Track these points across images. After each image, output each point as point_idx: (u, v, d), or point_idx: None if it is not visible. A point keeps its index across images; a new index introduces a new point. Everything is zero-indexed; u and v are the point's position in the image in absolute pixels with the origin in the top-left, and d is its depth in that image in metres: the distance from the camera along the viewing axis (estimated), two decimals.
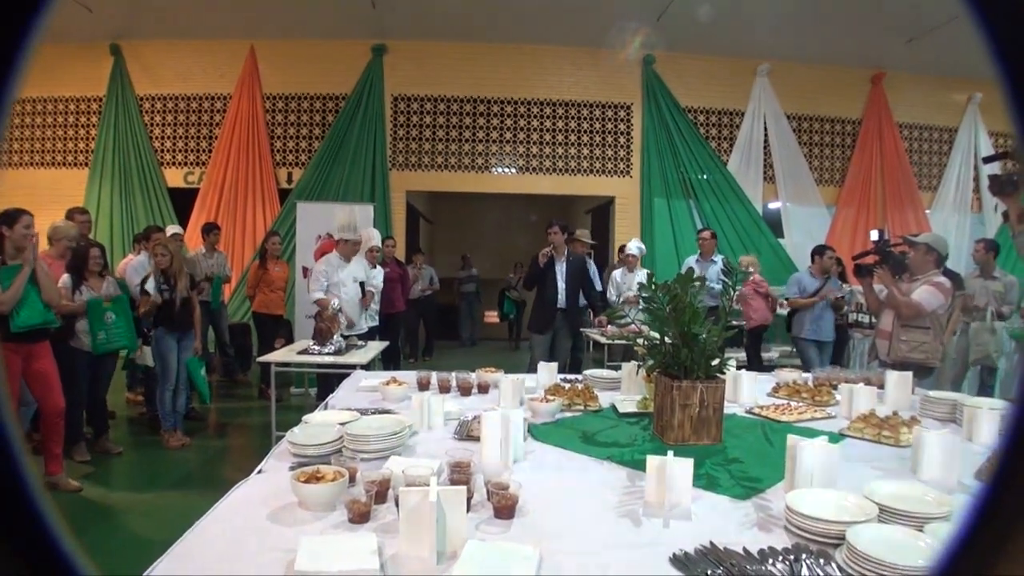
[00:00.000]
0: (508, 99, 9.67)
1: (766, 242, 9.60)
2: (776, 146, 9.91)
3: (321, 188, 9.21)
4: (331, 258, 5.92)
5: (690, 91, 9.81)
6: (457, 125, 9.65)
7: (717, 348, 2.58)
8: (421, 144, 9.63)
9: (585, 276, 6.57)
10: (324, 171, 9.28)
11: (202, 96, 9.60)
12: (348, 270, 5.93)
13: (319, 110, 9.61)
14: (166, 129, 9.66)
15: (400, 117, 9.60)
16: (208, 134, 9.61)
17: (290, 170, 9.58)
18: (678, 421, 2.50)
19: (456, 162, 9.65)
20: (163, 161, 9.62)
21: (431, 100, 9.61)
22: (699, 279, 2.62)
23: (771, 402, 3.28)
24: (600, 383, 3.65)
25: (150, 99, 9.59)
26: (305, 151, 9.58)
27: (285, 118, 9.61)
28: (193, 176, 9.59)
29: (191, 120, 9.65)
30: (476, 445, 2.29)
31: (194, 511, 1.73)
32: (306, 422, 2.55)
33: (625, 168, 9.79)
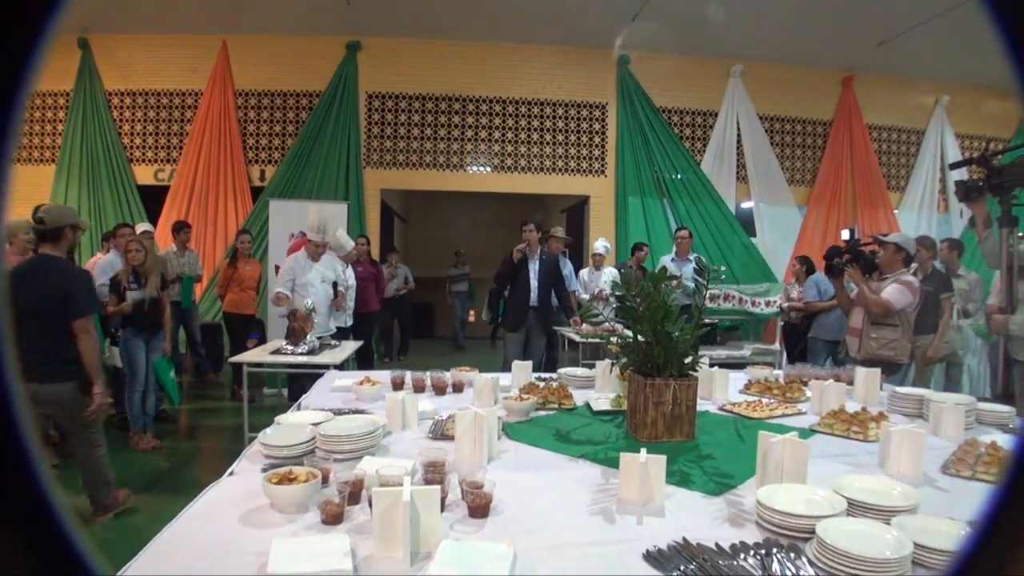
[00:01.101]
0: (483, 98, 9.66)
1: (739, 241, 9.70)
2: (749, 146, 10.00)
3: (294, 186, 9.12)
4: (299, 257, 5.86)
5: (664, 91, 9.87)
6: (432, 123, 9.62)
7: (690, 346, 2.60)
8: (396, 142, 9.58)
9: (558, 275, 6.60)
10: (297, 169, 9.19)
11: (173, 92, 9.45)
12: (316, 270, 5.87)
13: (292, 107, 9.51)
14: (136, 125, 9.50)
15: (375, 115, 9.54)
16: (179, 131, 9.47)
17: (263, 167, 9.47)
18: (651, 418, 2.52)
19: (431, 160, 9.62)
20: (133, 158, 9.46)
21: (406, 98, 9.56)
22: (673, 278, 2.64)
23: (743, 399, 3.31)
24: (574, 381, 3.67)
25: (119, 94, 9.43)
26: (278, 148, 9.49)
27: (258, 115, 9.51)
28: (164, 173, 9.44)
29: (161, 116, 9.50)
30: (450, 444, 2.29)
31: (165, 514, 1.71)
32: (279, 423, 2.53)
33: (600, 167, 9.83)
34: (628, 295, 2.57)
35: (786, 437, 1.97)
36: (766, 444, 1.97)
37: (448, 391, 3.40)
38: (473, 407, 2.29)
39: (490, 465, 2.20)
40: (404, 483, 1.56)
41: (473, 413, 2.23)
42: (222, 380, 7.96)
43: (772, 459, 1.95)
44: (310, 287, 5.78)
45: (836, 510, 1.68)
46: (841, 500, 1.74)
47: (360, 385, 3.23)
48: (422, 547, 1.54)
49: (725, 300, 8.54)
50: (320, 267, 5.94)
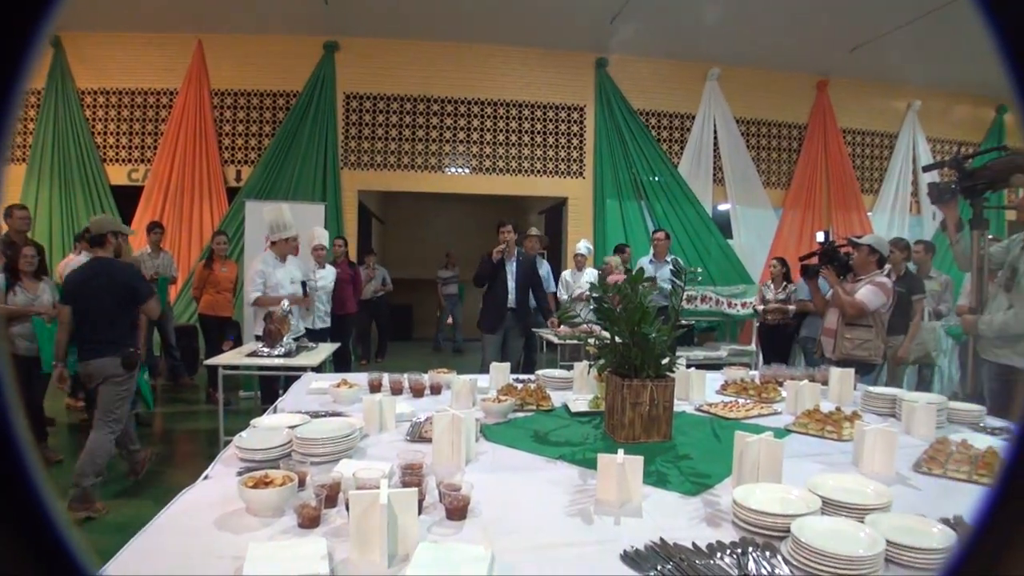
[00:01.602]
0: (462, 99, 9.65)
1: (715, 243, 9.77)
2: (725, 149, 10.09)
3: (271, 187, 9.04)
4: (267, 258, 5.79)
5: (642, 94, 9.93)
6: (410, 124, 9.59)
7: (667, 347, 2.61)
8: (373, 143, 9.53)
9: (536, 276, 6.60)
10: (274, 169, 9.12)
11: (147, 91, 9.33)
12: (285, 270, 5.80)
13: (269, 107, 9.43)
14: (109, 124, 9.36)
15: (352, 115, 9.49)
16: (153, 130, 9.35)
17: (239, 168, 9.38)
18: (629, 419, 2.53)
19: (409, 162, 9.58)
20: (106, 158, 9.33)
21: (384, 99, 9.53)
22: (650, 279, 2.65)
23: (720, 400, 3.34)
24: (552, 383, 3.67)
25: (92, 93, 9.29)
26: (254, 149, 9.40)
27: (234, 115, 9.42)
28: (138, 173, 9.32)
29: (135, 116, 9.37)
30: (428, 447, 2.29)
31: (139, 519, 1.69)
32: (254, 426, 2.51)
33: (578, 169, 9.86)
34: (605, 296, 2.57)
35: (762, 437, 1.99)
36: (742, 444, 1.99)
37: (426, 393, 3.39)
38: (451, 409, 2.29)
39: (468, 467, 2.19)
40: (381, 486, 1.55)
41: (451, 415, 2.22)
42: (197, 383, 7.87)
43: (748, 459, 1.96)
44: (280, 288, 5.72)
45: (811, 509, 1.70)
46: (815, 499, 1.76)
47: (337, 387, 3.21)
48: (400, 549, 1.53)
49: (702, 301, 8.62)
50: (289, 267, 5.89)
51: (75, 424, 6.20)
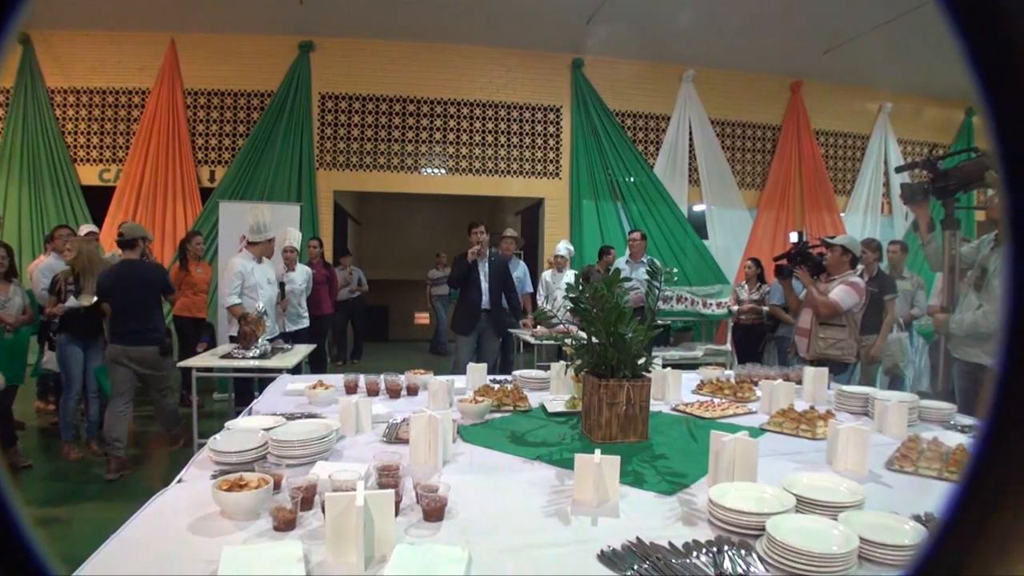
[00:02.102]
0: (438, 99, 9.62)
1: (691, 243, 9.84)
2: (700, 150, 10.17)
3: (245, 187, 8.95)
4: (244, 259, 5.76)
5: (618, 95, 9.97)
6: (386, 125, 9.54)
7: (643, 347, 2.63)
8: (349, 144, 9.48)
9: (508, 277, 6.61)
10: (248, 170, 9.03)
11: (119, 90, 9.19)
12: (262, 271, 5.79)
13: (243, 107, 9.34)
14: (80, 124, 9.21)
15: (328, 116, 9.43)
16: (125, 130, 9.21)
17: (212, 168, 9.28)
18: (605, 419, 2.54)
19: (385, 162, 9.54)
20: (77, 158, 9.18)
21: (359, 99, 9.47)
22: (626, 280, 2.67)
23: (696, 399, 3.36)
24: (530, 383, 3.68)
25: (62, 92, 9.13)
26: (228, 149, 9.30)
27: (207, 115, 9.31)
28: (109, 173, 9.18)
29: (107, 115, 9.23)
30: (405, 448, 2.28)
31: (110, 525, 1.66)
32: (229, 428, 2.48)
33: (554, 170, 9.88)
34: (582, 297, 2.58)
35: (737, 436, 2.00)
36: (718, 443, 2.00)
37: (402, 394, 3.38)
38: (428, 410, 2.28)
39: (445, 468, 2.19)
40: (358, 488, 1.54)
41: (427, 416, 2.22)
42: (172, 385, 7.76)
43: (724, 458, 1.98)
44: (259, 289, 5.69)
45: (785, 507, 1.72)
46: (790, 497, 1.77)
47: (313, 389, 3.19)
48: (376, 551, 1.52)
49: (678, 302, 8.67)
50: (266, 268, 5.86)
51: (46, 428, 6.09)
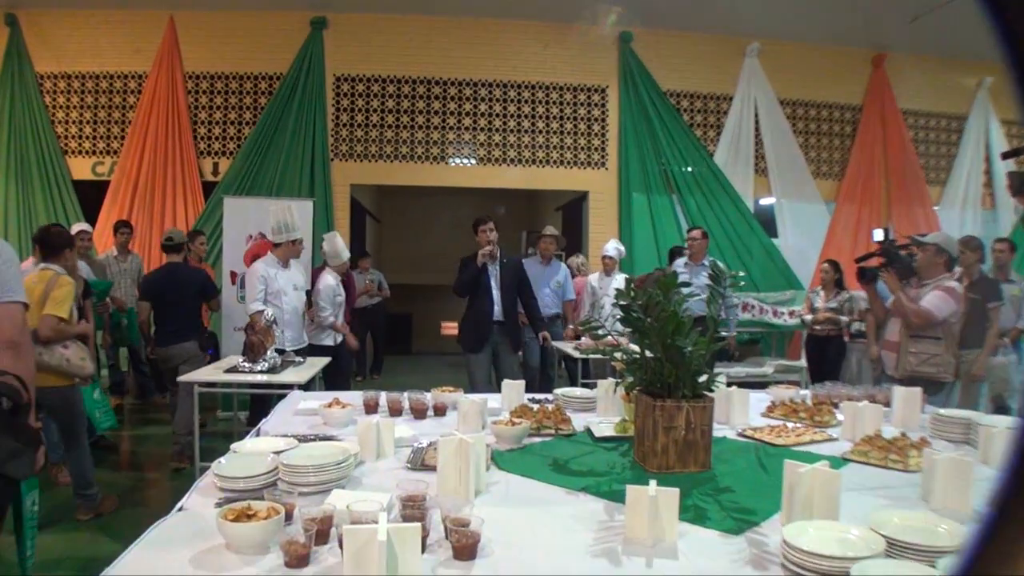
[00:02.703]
0: (467, 80, 9.67)
1: (758, 243, 9.73)
2: (768, 135, 10.05)
3: (252, 181, 9.09)
4: (267, 263, 5.84)
5: (672, 73, 9.91)
6: (409, 110, 9.61)
7: (705, 363, 2.60)
8: (368, 131, 9.57)
9: (524, 280, 6.47)
10: (255, 162, 9.16)
11: (113, 75, 9.41)
12: (287, 276, 5.87)
13: (250, 92, 9.49)
14: (71, 112, 9.45)
15: (343, 100, 9.53)
16: (120, 118, 9.42)
17: (216, 160, 9.44)
18: (661, 446, 2.51)
19: (408, 152, 9.61)
20: (68, 149, 9.41)
21: (379, 81, 9.56)
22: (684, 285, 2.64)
23: (765, 423, 3.31)
24: (573, 403, 3.66)
25: (52, 77, 9.38)
26: (233, 139, 9.46)
27: (210, 101, 9.48)
28: (103, 167, 9.40)
29: (100, 102, 9.45)
30: (432, 476, 2.28)
31: (103, 557, 1.69)
32: (235, 451, 2.52)
33: (600, 159, 9.86)
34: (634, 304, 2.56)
35: (815, 467, 1.96)
36: (792, 475, 1.97)
37: (428, 414, 3.38)
38: (458, 433, 2.28)
39: (477, 499, 2.18)
40: (379, 520, 1.54)
41: (458, 440, 2.21)
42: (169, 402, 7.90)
43: (799, 492, 1.94)
44: (282, 296, 5.77)
45: (873, 551, 1.67)
46: (879, 539, 1.73)
47: (328, 408, 3.21)
48: None
49: (744, 310, 8.57)
50: (292, 272, 5.94)
51: None
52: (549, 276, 7.51)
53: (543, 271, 7.48)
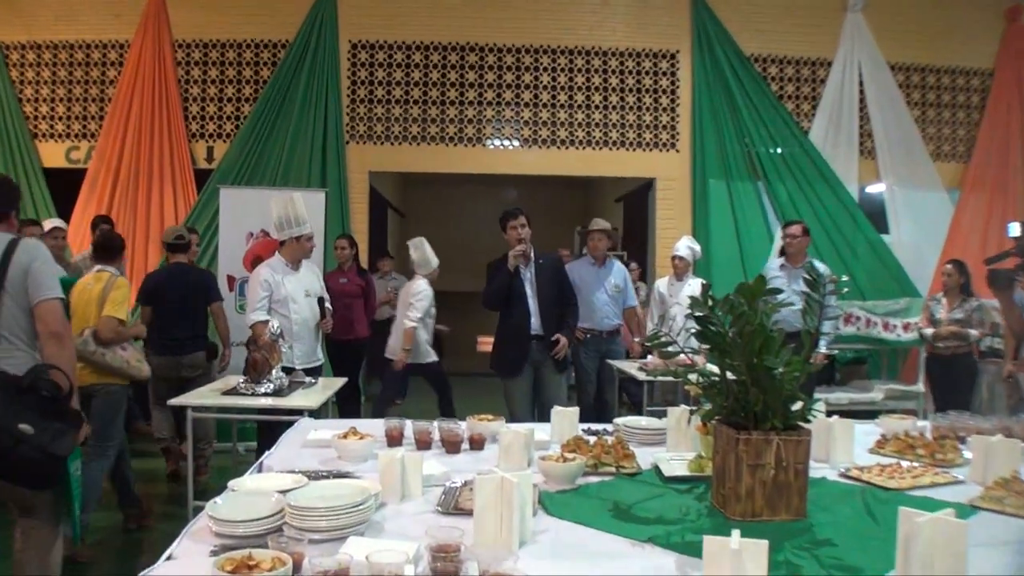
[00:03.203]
0: (507, 47, 9.69)
1: (864, 239, 9.60)
2: (875, 108, 9.92)
3: (252, 168, 9.19)
4: (275, 264, 5.91)
5: (757, 34, 9.85)
6: (438, 82, 9.67)
7: (799, 387, 2.57)
8: (389, 109, 9.64)
9: (564, 284, 6.37)
10: (257, 145, 9.27)
11: (90, 44, 9.60)
12: (297, 280, 5.91)
13: (250, 63, 9.62)
14: (41, 89, 9.66)
15: (361, 72, 9.62)
16: (99, 95, 9.61)
17: (210, 144, 9.59)
18: (746, 488, 2.50)
19: (437, 132, 9.66)
20: (38, 132, 9.62)
21: (403, 48, 9.63)
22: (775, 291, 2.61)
23: (874, 462, 3.28)
24: (638, 435, 3.65)
25: (19, 48, 9.60)
26: (231, 118, 9.60)
27: (203, 74, 9.63)
28: (79, 152, 9.59)
29: (76, 77, 9.65)
30: (468, 521, 2.29)
31: None
32: (233, 489, 2.55)
33: (669, 139, 9.82)
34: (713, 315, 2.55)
35: (937, 516, 1.94)
36: (909, 525, 1.95)
37: (463, 448, 3.40)
38: (498, 470, 2.29)
39: (522, 551, 2.19)
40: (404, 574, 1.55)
41: (499, 479, 2.22)
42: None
43: (917, 547, 1.92)
44: (291, 304, 5.82)
45: None
46: None
47: (344, 439, 3.24)
48: None
49: (847, 323, 8.46)
50: (303, 276, 5.98)
51: None
52: (604, 279, 7.45)
53: (596, 274, 7.42)
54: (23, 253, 3.35)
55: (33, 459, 3.12)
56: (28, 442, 3.08)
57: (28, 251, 3.38)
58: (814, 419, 2.71)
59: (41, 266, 3.37)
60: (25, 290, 3.34)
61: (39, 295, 3.34)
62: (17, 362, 3.30)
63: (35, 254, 3.39)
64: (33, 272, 3.34)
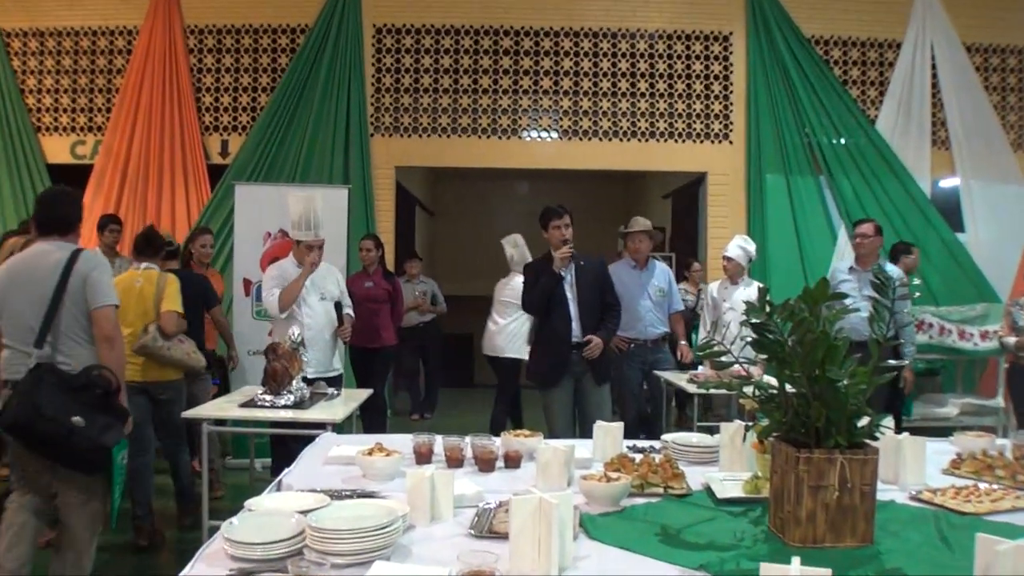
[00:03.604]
0: (545, 30, 9.70)
1: (937, 239, 9.50)
2: (950, 94, 9.83)
3: (270, 163, 9.26)
4: (285, 265, 5.95)
5: (818, 13, 9.79)
6: (470, 69, 9.69)
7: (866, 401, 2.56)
8: (417, 98, 9.67)
9: (607, 287, 6.34)
10: (274, 139, 9.33)
11: (97, 31, 9.71)
12: (311, 283, 5.94)
13: (267, 49, 9.69)
14: (45, 79, 9.78)
15: (386, 59, 9.67)
16: (106, 86, 9.73)
17: (225, 137, 9.67)
18: (807, 512, 2.48)
19: (469, 124, 9.68)
20: (41, 126, 9.75)
21: (432, 32, 9.67)
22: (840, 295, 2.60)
23: (949, 483, 3.25)
24: (688, 453, 3.64)
25: (21, 35, 9.73)
26: (247, 110, 9.67)
27: (217, 62, 9.71)
28: (85, 147, 9.70)
29: (81, 66, 9.76)
30: (503, 546, 2.29)
31: None
32: (250, 509, 2.57)
33: (722, 130, 9.78)
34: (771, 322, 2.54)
35: (1020, 543, 1.93)
36: (987, 553, 1.94)
37: (498, 465, 3.41)
38: (536, 490, 2.29)
39: None
40: None
41: (536, 500, 2.22)
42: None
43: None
44: (303, 306, 5.86)
45: None
46: None
47: (369, 455, 3.25)
48: None
49: (919, 330, 8.38)
50: (317, 278, 6.01)
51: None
52: (646, 283, 7.34)
53: (638, 277, 7.32)
54: (83, 263, 4.10)
55: (84, 448, 3.88)
56: (80, 433, 3.81)
57: (88, 261, 4.14)
58: (882, 436, 2.69)
59: (99, 275, 4.14)
60: (84, 296, 4.07)
61: (96, 302, 4.09)
62: (77, 359, 4.06)
63: (94, 264, 4.18)
64: (91, 281, 4.09)
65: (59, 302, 4.04)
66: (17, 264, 4.25)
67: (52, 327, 4.04)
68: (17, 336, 4.11)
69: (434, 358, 10.69)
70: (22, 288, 4.11)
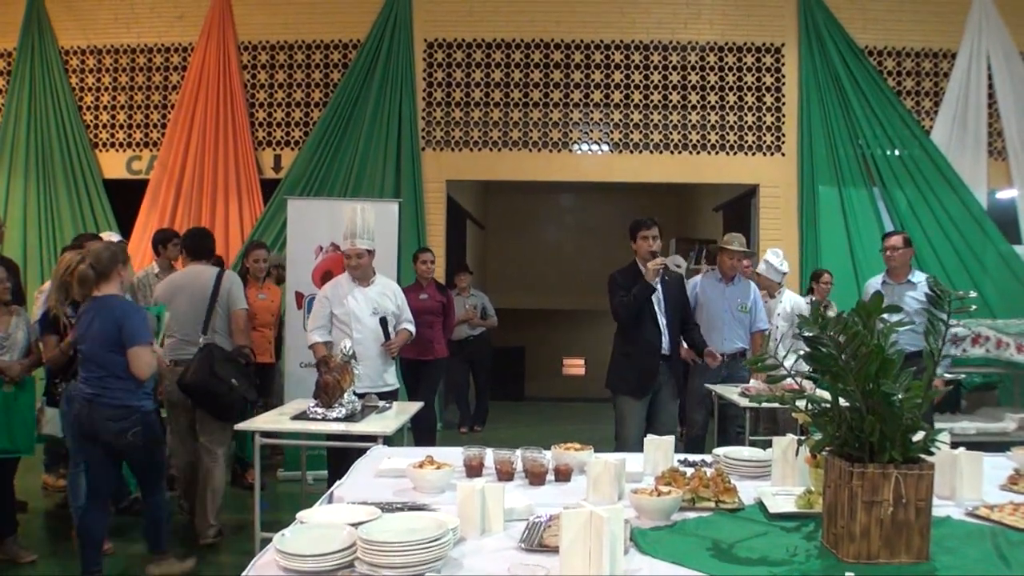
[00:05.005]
0: (596, 43, 9.72)
1: (994, 251, 9.37)
2: (1007, 104, 9.70)
3: (322, 177, 9.35)
4: (341, 279, 6.01)
5: (872, 24, 9.73)
6: (521, 83, 9.73)
7: (921, 415, 2.53)
8: (468, 112, 9.72)
9: (686, 301, 6.44)
10: (327, 153, 9.42)
11: (152, 48, 9.88)
12: (363, 297, 5.97)
13: (319, 65, 9.80)
14: (102, 96, 9.97)
15: (437, 73, 9.73)
16: (161, 103, 9.88)
17: (278, 152, 9.78)
18: (861, 527, 2.46)
19: (520, 138, 9.71)
20: (98, 141, 9.94)
21: (483, 46, 9.72)
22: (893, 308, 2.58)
23: (1006, 499, 3.20)
24: (740, 468, 3.62)
25: (79, 53, 9.92)
26: (299, 125, 9.78)
27: (271, 78, 9.83)
28: (140, 163, 9.86)
29: (137, 83, 9.93)
30: (553, 559, 2.30)
31: None
32: (302, 521, 2.59)
33: (774, 142, 9.73)
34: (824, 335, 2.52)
35: None
36: None
37: (548, 479, 3.41)
38: (587, 504, 2.29)
39: None
40: None
41: (587, 513, 2.22)
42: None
43: None
44: (354, 321, 5.88)
45: None
46: None
47: (420, 468, 3.27)
48: None
49: (975, 343, 8.27)
50: (373, 292, 6.03)
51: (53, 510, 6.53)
52: (732, 298, 7.29)
53: (723, 291, 7.26)
54: (226, 280, 5.95)
55: (236, 401, 5.54)
56: (235, 391, 5.50)
57: (228, 278, 6.02)
58: (937, 451, 2.66)
59: (235, 288, 5.99)
60: (228, 302, 5.90)
61: (235, 305, 5.95)
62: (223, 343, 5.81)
63: (232, 280, 6.07)
64: (232, 292, 5.94)
65: (214, 304, 5.80)
66: (179, 279, 6.07)
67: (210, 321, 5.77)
68: (181, 329, 5.73)
69: (484, 371, 10.69)
70: (186, 294, 5.82)
